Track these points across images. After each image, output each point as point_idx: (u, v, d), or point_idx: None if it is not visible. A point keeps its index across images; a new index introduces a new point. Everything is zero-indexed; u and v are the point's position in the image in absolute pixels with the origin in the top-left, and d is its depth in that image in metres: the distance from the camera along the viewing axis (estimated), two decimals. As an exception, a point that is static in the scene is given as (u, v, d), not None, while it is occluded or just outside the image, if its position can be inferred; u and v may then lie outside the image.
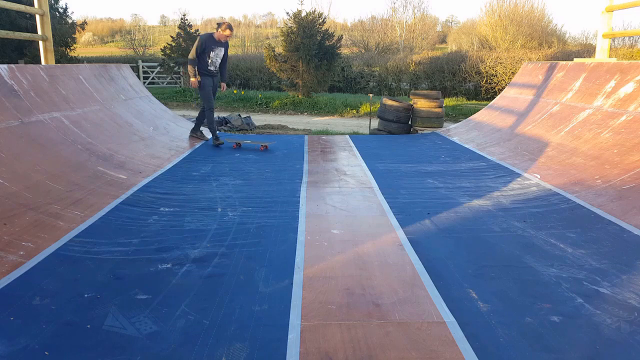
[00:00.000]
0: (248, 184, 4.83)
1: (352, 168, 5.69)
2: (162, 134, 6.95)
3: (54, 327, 2.20)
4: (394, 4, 40.35)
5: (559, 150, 5.36)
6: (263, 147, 6.84)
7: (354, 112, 14.37)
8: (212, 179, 4.98)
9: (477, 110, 9.54)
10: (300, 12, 15.11)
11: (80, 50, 23.74)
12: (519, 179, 4.92)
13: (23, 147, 4.09)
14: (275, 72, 16.01)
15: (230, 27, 6.83)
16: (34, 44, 14.71)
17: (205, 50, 6.73)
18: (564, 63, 7.08)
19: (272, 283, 2.69)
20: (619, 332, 2.22)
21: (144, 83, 19.55)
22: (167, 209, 3.94)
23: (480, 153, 6.32)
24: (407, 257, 3.05)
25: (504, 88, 9.44)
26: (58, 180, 3.97)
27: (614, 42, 17.04)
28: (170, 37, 19.50)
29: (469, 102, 16.80)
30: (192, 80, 6.78)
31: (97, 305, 2.40)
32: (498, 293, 2.59)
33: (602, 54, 6.95)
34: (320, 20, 15.34)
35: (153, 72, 21.39)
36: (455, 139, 7.52)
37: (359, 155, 6.43)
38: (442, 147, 7.05)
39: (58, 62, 10.06)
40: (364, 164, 5.87)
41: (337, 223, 3.68)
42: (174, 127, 7.75)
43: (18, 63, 14.28)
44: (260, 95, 16.50)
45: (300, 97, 15.76)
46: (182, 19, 19.53)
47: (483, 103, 14.36)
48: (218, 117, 11.45)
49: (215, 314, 2.35)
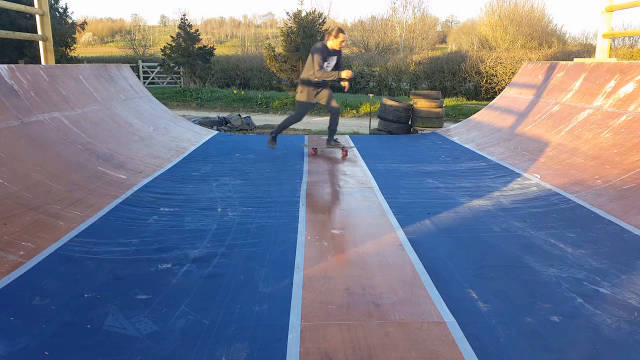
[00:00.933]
0: (248, 184, 4.83)
1: (352, 168, 5.69)
2: (162, 134, 6.95)
3: (54, 327, 2.20)
4: (394, 4, 40.38)
5: (559, 150, 5.36)
6: (344, 153, 6.46)
7: (354, 112, 14.37)
8: (212, 179, 4.98)
9: (477, 110, 9.54)
10: (300, 12, 15.13)
11: (80, 50, 23.75)
12: (519, 179, 4.92)
13: (23, 147, 4.09)
14: (275, 72, 16.03)
15: (341, 30, 6.09)
16: (34, 44, 14.71)
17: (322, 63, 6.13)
18: (564, 63, 7.08)
19: (272, 283, 2.69)
20: (619, 332, 2.22)
21: (144, 83, 19.55)
22: (167, 209, 3.94)
23: (480, 153, 6.32)
24: (407, 257, 3.05)
25: (504, 88, 9.44)
26: (58, 180, 3.97)
27: (614, 42, 17.04)
28: (170, 37, 19.54)
29: (469, 102, 16.80)
30: (343, 85, 6.38)
31: (97, 305, 2.40)
32: (498, 293, 2.59)
33: (602, 54, 6.95)
34: (320, 20, 15.35)
35: (153, 72, 21.40)
36: (455, 139, 7.52)
37: (359, 155, 6.42)
38: (442, 147, 7.05)
39: (58, 62, 10.06)
40: (364, 164, 5.87)
41: (337, 223, 3.68)
42: (174, 127, 7.75)
43: (18, 63, 14.28)
44: (260, 95, 16.49)
45: (300, 97, 15.75)
46: (182, 19, 19.58)
47: (483, 103, 14.36)
48: (218, 117, 11.45)
49: (215, 314, 2.35)
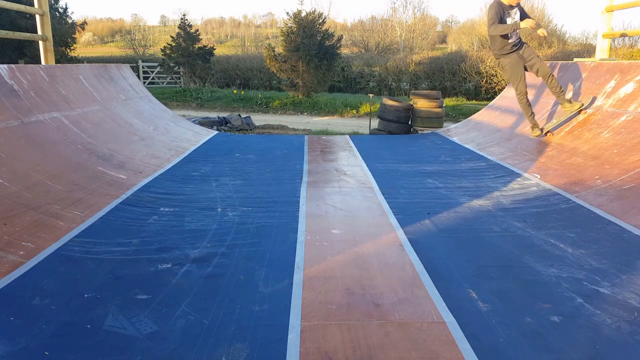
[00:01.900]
0: (248, 184, 4.83)
1: (352, 168, 5.69)
2: (162, 134, 6.94)
3: (54, 327, 2.20)
4: (394, 4, 40.31)
5: (559, 150, 5.36)
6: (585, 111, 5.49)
7: (354, 112, 14.37)
8: (212, 179, 4.98)
9: (477, 110, 9.54)
10: (300, 12, 15.12)
11: (80, 50, 23.74)
12: (519, 179, 4.91)
13: (23, 147, 4.09)
14: (275, 72, 16.02)
15: None
16: (34, 44, 14.70)
17: (502, 20, 5.35)
18: (564, 63, 7.08)
19: (272, 283, 2.69)
20: (619, 332, 2.22)
21: (144, 83, 19.55)
22: (167, 209, 3.94)
23: (480, 153, 6.32)
24: (407, 257, 3.05)
25: (504, 88, 9.44)
26: (58, 180, 3.97)
27: (614, 42, 17.03)
28: (170, 37, 19.52)
29: (469, 102, 16.80)
30: (527, 26, 5.34)
31: (97, 305, 2.40)
32: (498, 293, 2.59)
33: (602, 54, 6.95)
34: (320, 20, 15.34)
35: (153, 72, 21.39)
36: (455, 139, 7.52)
37: (359, 155, 6.43)
38: (442, 147, 7.05)
39: (58, 62, 10.06)
40: (364, 164, 5.87)
41: (337, 223, 3.68)
42: (174, 127, 7.75)
43: (18, 63, 14.27)
44: (260, 95, 16.49)
45: (300, 97, 15.76)
46: (182, 19, 19.57)
47: (483, 103, 14.35)
48: (218, 117, 11.44)
49: (215, 314, 2.35)
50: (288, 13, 16.66)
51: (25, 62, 15.31)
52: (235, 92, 17.31)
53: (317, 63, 15.09)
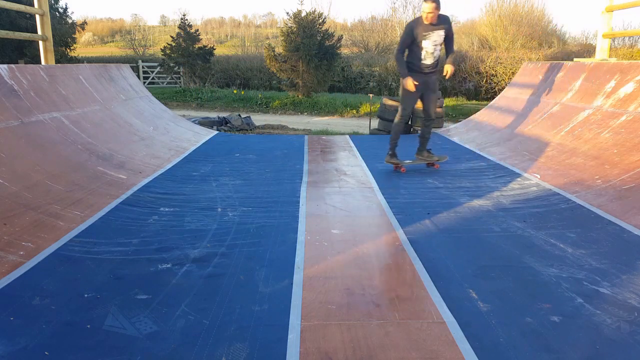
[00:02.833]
0: (248, 184, 4.83)
1: (352, 168, 5.69)
2: (162, 134, 6.95)
3: (54, 327, 2.20)
4: (394, 4, 40.30)
5: (559, 150, 5.36)
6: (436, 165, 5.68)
7: (354, 112, 14.37)
8: (212, 179, 4.98)
9: (477, 110, 9.54)
10: (300, 12, 15.11)
11: (80, 50, 23.73)
12: (519, 179, 4.92)
13: (23, 147, 4.09)
14: (275, 72, 16.01)
15: None
16: (34, 44, 14.71)
17: (415, 41, 5.15)
18: (564, 63, 7.08)
19: (272, 283, 2.69)
20: (619, 332, 2.22)
21: (144, 83, 19.56)
22: (167, 209, 3.94)
23: (480, 153, 6.32)
24: (407, 257, 3.05)
25: (504, 88, 9.44)
26: (58, 180, 3.97)
27: (614, 42, 17.04)
28: (170, 37, 19.52)
29: (469, 102, 16.80)
30: (404, 83, 5.29)
31: (97, 305, 2.40)
32: (498, 293, 2.59)
33: (602, 54, 6.95)
34: (320, 20, 15.34)
35: (153, 72, 21.39)
36: (455, 139, 7.52)
37: (359, 155, 6.43)
38: (442, 147, 7.04)
39: (58, 62, 10.06)
40: (364, 164, 5.87)
41: (337, 223, 3.68)
42: (174, 127, 7.75)
43: (18, 63, 14.28)
44: (260, 95, 16.50)
45: (300, 97, 15.76)
46: (182, 19, 19.57)
47: (483, 103, 14.36)
48: (218, 117, 11.45)
49: (215, 314, 2.35)
50: (288, 13, 16.69)
51: (25, 62, 15.32)
52: (235, 92, 17.31)
53: (317, 63, 15.09)
